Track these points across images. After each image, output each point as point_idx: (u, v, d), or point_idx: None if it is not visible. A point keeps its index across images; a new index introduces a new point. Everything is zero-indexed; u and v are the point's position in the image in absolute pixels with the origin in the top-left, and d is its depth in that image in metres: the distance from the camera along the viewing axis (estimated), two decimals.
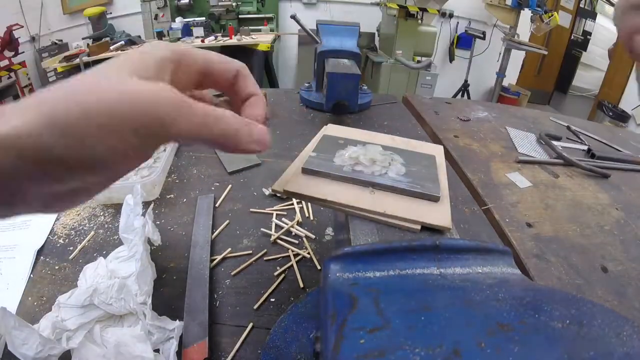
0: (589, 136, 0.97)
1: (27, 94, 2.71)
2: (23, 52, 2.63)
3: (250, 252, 0.50)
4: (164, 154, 0.66)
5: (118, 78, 0.18)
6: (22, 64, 2.65)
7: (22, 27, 2.61)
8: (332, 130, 0.47)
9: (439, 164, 0.41)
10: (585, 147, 0.87)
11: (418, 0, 2.50)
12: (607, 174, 0.76)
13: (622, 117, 2.97)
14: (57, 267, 0.47)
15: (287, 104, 1.00)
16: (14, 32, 2.47)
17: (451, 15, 3.35)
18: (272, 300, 0.44)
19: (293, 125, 0.89)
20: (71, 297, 0.37)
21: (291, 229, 0.54)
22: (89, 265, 0.44)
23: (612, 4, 3.75)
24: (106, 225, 0.54)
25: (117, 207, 0.58)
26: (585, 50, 3.87)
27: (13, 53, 2.53)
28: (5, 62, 2.49)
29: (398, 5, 2.48)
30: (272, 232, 0.54)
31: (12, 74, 2.55)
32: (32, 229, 0.53)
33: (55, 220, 0.55)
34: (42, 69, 2.69)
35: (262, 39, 2.67)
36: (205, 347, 0.36)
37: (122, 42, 2.57)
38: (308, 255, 0.50)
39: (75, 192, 0.19)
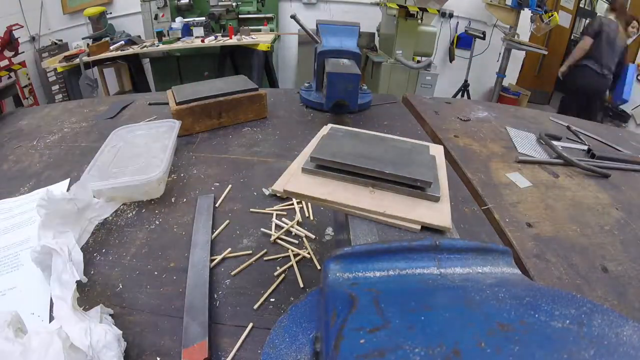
0: (589, 136, 0.97)
1: (27, 94, 2.72)
2: (23, 52, 2.64)
3: (250, 252, 0.50)
4: (164, 154, 0.65)
5: None
6: (22, 64, 2.65)
7: (22, 27, 2.62)
8: (333, 130, 0.47)
9: (439, 164, 0.41)
10: (585, 147, 0.87)
11: (418, 0, 2.50)
12: (607, 174, 0.76)
13: (622, 117, 2.97)
14: None
15: (287, 104, 1.00)
16: (14, 32, 2.47)
17: (451, 15, 3.35)
18: (272, 300, 0.44)
19: (293, 125, 0.89)
20: None
21: (291, 229, 0.54)
22: None
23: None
24: (106, 225, 0.54)
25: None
26: None
27: (13, 53, 2.53)
28: (5, 62, 2.50)
29: (398, 5, 2.48)
30: (272, 232, 0.54)
31: (12, 74, 2.55)
32: (36, 226, 0.54)
33: None
34: (42, 69, 2.70)
35: (262, 39, 2.67)
36: (205, 347, 0.36)
37: (122, 42, 2.57)
38: (308, 255, 0.50)
39: None
